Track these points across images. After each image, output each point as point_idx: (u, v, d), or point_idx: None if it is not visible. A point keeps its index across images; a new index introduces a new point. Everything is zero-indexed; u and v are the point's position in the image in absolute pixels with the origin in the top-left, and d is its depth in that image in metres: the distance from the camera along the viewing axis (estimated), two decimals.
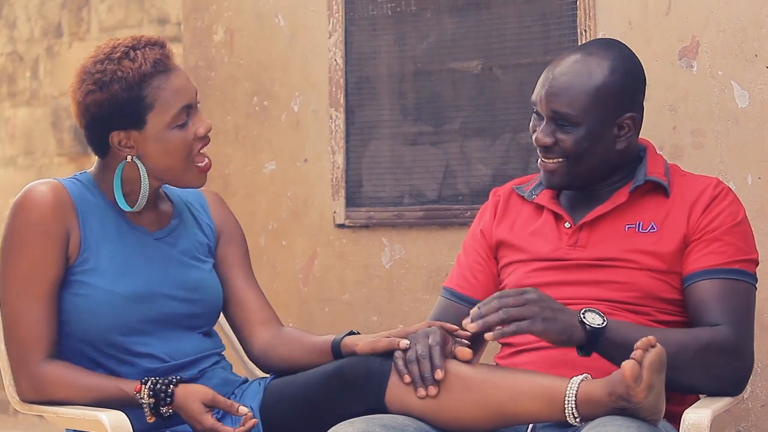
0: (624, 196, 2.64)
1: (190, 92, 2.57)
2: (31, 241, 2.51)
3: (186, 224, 2.71)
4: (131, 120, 2.53)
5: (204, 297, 2.66)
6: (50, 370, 2.51)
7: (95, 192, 2.61)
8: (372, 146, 3.65)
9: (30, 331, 2.50)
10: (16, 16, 6.45)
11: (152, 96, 2.52)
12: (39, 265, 2.51)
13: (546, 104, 2.61)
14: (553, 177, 2.64)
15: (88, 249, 2.55)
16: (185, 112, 2.55)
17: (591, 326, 2.40)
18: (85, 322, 2.54)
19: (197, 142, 2.57)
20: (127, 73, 2.50)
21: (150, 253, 2.61)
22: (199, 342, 2.65)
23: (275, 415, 2.55)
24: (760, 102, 3.07)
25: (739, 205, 2.64)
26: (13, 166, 6.47)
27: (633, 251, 2.60)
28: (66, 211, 2.54)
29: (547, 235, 2.69)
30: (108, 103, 2.52)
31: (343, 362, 2.50)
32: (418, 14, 3.58)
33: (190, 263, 2.66)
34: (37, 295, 2.51)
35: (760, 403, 3.07)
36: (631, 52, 2.70)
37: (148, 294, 2.56)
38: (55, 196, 2.53)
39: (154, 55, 2.52)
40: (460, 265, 2.82)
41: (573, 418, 2.33)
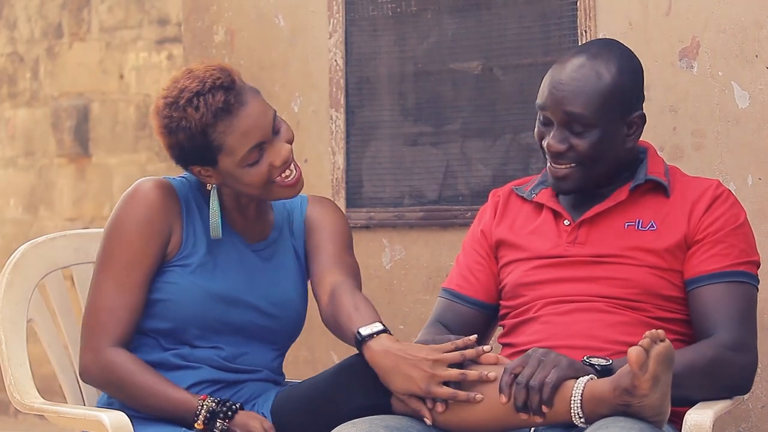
0: (624, 195, 2.65)
1: (261, 129, 2.56)
2: (134, 233, 2.58)
3: (284, 239, 2.74)
4: (203, 159, 2.58)
5: (285, 315, 2.69)
6: (119, 354, 2.56)
7: (200, 194, 2.67)
8: (372, 147, 3.65)
9: (112, 314, 2.57)
10: (17, 16, 6.46)
11: (218, 141, 2.54)
12: (137, 256, 2.58)
13: (558, 109, 2.59)
14: (565, 182, 2.63)
15: (188, 247, 2.62)
16: (256, 150, 2.56)
17: (600, 365, 2.40)
18: (168, 311, 2.59)
19: (275, 170, 2.58)
20: (190, 122, 2.53)
21: (243, 261, 2.66)
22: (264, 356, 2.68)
23: (284, 414, 2.56)
24: (760, 103, 3.07)
25: (740, 208, 2.65)
26: (13, 166, 6.47)
27: (632, 248, 2.60)
28: (172, 209, 2.61)
29: (546, 233, 2.69)
30: (177, 146, 2.58)
31: (352, 358, 2.51)
32: (418, 15, 3.58)
33: (279, 280, 2.70)
34: (129, 284, 2.58)
35: (761, 404, 3.07)
36: (630, 50, 2.70)
37: (231, 298, 2.62)
38: (163, 194, 2.60)
39: (219, 102, 2.52)
40: (460, 265, 2.82)
41: (578, 417, 2.33)
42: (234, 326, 2.63)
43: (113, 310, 2.56)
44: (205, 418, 2.50)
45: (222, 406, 2.52)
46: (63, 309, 2.85)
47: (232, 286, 2.62)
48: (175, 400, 2.53)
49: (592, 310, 2.59)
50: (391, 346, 2.42)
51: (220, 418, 2.51)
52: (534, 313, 2.64)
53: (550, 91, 2.61)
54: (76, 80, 6.28)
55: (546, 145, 2.62)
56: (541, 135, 2.65)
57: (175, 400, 2.53)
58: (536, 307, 2.64)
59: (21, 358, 2.63)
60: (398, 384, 2.40)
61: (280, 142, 2.58)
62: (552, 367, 2.34)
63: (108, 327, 2.56)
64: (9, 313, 2.69)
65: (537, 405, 2.33)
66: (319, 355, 3.60)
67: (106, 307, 2.57)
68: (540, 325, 2.62)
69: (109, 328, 2.56)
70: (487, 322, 2.80)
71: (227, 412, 2.51)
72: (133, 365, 2.55)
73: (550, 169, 2.65)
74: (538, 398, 2.32)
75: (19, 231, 6.42)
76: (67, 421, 2.54)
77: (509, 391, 2.35)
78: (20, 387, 2.62)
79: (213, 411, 2.51)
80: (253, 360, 2.67)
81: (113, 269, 2.58)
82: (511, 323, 2.69)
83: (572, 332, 2.57)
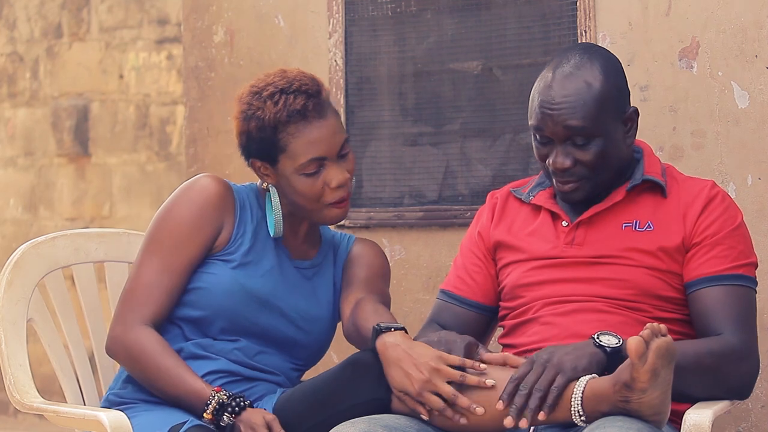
0: (621, 195, 2.65)
1: (327, 145, 2.63)
2: (186, 218, 2.63)
3: (326, 266, 2.79)
4: (266, 155, 2.65)
5: (312, 331, 2.72)
6: (147, 333, 2.59)
7: (257, 202, 2.73)
8: (372, 147, 3.65)
9: (150, 293, 2.61)
10: (16, 16, 6.46)
11: (284, 141, 2.62)
12: (183, 243, 2.63)
13: (557, 127, 2.58)
14: (575, 194, 2.63)
15: (235, 244, 2.67)
16: (317, 163, 2.63)
17: (609, 347, 2.40)
18: (200, 300, 2.63)
19: (329, 191, 2.64)
20: (265, 114, 2.62)
21: (284, 272, 2.71)
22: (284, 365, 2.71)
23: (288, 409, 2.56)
24: (760, 103, 3.07)
25: (736, 209, 2.65)
26: (13, 166, 6.47)
27: (629, 249, 2.60)
28: (227, 204, 2.68)
29: (544, 234, 2.69)
30: (246, 135, 2.67)
31: (359, 353, 2.54)
32: (418, 15, 3.58)
33: (314, 299, 2.74)
34: (172, 267, 2.62)
35: (761, 404, 3.07)
36: (605, 49, 2.70)
37: (265, 300, 2.66)
38: (221, 189, 2.68)
39: (298, 104, 2.61)
40: (457, 267, 2.82)
41: (578, 416, 2.33)
42: (261, 328, 2.67)
43: (152, 289, 2.61)
44: (214, 409, 2.52)
45: (233, 401, 2.53)
46: (63, 309, 2.85)
47: (268, 289, 2.66)
48: (191, 387, 2.54)
49: (591, 311, 2.59)
50: (402, 341, 2.46)
51: (228, 412, 2.52)
52: (533, 313, 2.65)
53: (544, 111, 2.58)
54: (75, 80, 6.28)
55: (551, 164, 2.60)
56: (543, 155, 2.63)
57: (190, 387, 2.54)
58: (535, 308, 2.65)
59: (21, 358, 2.63)
60: (396, 379, 2.43)
61: (341, 167, 2.65)
62: (556, 373, 2.35)
63: (143, 304, 2.60)
64: (9, 312, 2.69)
65: (535, 410, 2.33)
66: None
67: (145, 284, 2.61)
68: (540, 326, 2.62)
69: (143, 306, 2.60)
70: (485, 324, 2.80)
71: (236, 407, 2.52)
72: (158, 346, 2.58)
73: (556, 186, 2.63)
74: (538, 404, 2.33)
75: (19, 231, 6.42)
76: (66, 421, 2.54)
77: (510, 399, 2.35)
78: (20, 387, 2.62)
79: (223, 403, 2.52)
80: (271, 362, 2.69)
81: (159, 250, 2.63)
82: (511, 324, 2.69)
83: (572, 332, 2.57)
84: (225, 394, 2.53)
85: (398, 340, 2.46)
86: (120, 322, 2.61)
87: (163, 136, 6.11)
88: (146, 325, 2.59)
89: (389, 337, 2.48)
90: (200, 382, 2.56)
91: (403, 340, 2.46)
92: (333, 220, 2.69)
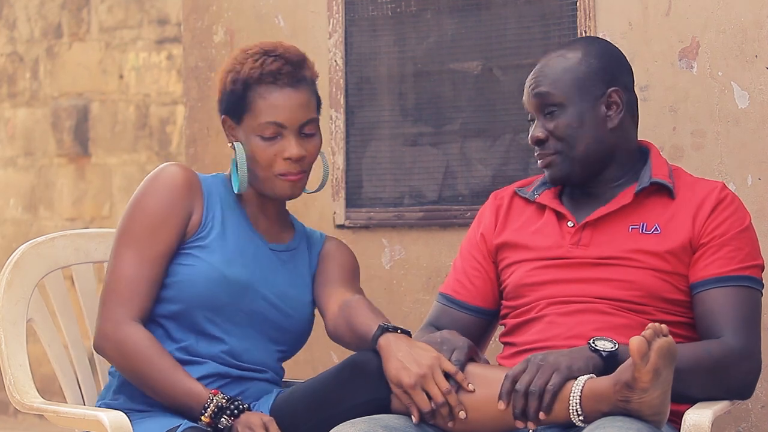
0: (629, 198, 2.64)
1: (289, 114, 2.65)
2: (156, 207, 2.63)
3: (300, 251, 2.79)
4: (233, 112, 2.68)
5: (295, 314, 2.72)
6: (139, 331, 2.58)
7: (225, 189, 2.73)
8: (372, 147, 3.65)
9: (133, 286, 2.59)
10: (16, 16, 6.46)
11: (251, 99, 2.66)
12: (157, 231, 2.62)
13: (531, 96, 2.67)
14: (554, 170, 2.66)
15: (206, 229, 2.66)
16: (275, 128, 2.64)
17: (605, 351, 2.40)
18: (180, 293, 2.62)
19: (280, 161, 2.65)
20: (242, 70, 2.66)
21: (261, 255, 2.71)
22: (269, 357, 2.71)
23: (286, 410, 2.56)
24: (760, 103, 3.07)
25: (745, 211, 2.65)
26: (13, 166, 6.47)
27: (636, 251, 2.60)
28: (194, 191, 2.67)
29: (549, 234, 2.69)
30: (223, 88, 2.70)
31: (357, 354, 2.53)
32: (418, 15, 3.58)
33: (294, 281, 2.74)
34: (148, 257, 2.61)
35: (760, 404, 3.07)
36: (605, 41, 2.77)
37: (247, 285, 2.65)
38: (186, 176, 2.68)
39: (273, 67, 2.66)
40: (456, 270, 2.81)
41: (576, 416, 2.33)
42: (245, 314, 2.66)
43: (134, 282, 2.59)
44: (212, 412, 2.51)
45: (231, 404, 2.53)
46: (63, 309, 2.85)
47: (248, 274, 2.66)
48: (188, 389, 2.54)
49: (594, 312, 2.58)
50: (406, 341, 2.49)
51: (227, 415, 2.52)
52: (537, 313, 2.64)
53: (527, 86, 2.69)
54: (75, 80, 6.28)
55: (529, 139, 2.68)
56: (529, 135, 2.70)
57: (188, 390, 2.54)
58: (539, 307, 2.64)
59: (21, 358, 2.63)
60: (392, 371, 2.44)
61: (300, 143, 2.66)
62: (552, 372, 2.34)
63: (129, 299, 2.58)
64: (9, 313, 2.69)
65: (535, 411, 2.33)
66: (319, 355, 3.60)
67: (127, 278, 2.60)
68: (543, 325, 2.62)
69: (129, 300, 2.58)
70: (484, 328, 2.79)
71: (234, 410, 2.52)
72: (152, 346, 2.57)
73: (538, 162, 2.68)
74: (536, 404, 2.33)
75: (18, 231, 6.42)
76: (66, 421, 2.54)
77: (509, 398, 2.36)
78: (20, 387, 2.62)
79: (222, 407, 2.52)
80: (257, 357, 2.68)
81: (135, 241, 2.62)
82: (513, 323, 2.69)
83: (574, 333, 2.57)
84: (223, 397, 2.53)
85: (402, 340, 2.49)
86: (108, 318, 2.59)
87: (163, 136, 6.11)
88: (136, 321, 2.58)
89: (394, 336, 2.49)
90: (197, 384, 2.55)
91: (407, 340, 2.49)
92: (281, 193, 2.69)
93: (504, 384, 2.37)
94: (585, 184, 2.69)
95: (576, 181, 2.68)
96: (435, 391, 2.42)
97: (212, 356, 2.64)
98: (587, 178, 2.68)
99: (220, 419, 2.51)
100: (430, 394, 2.42)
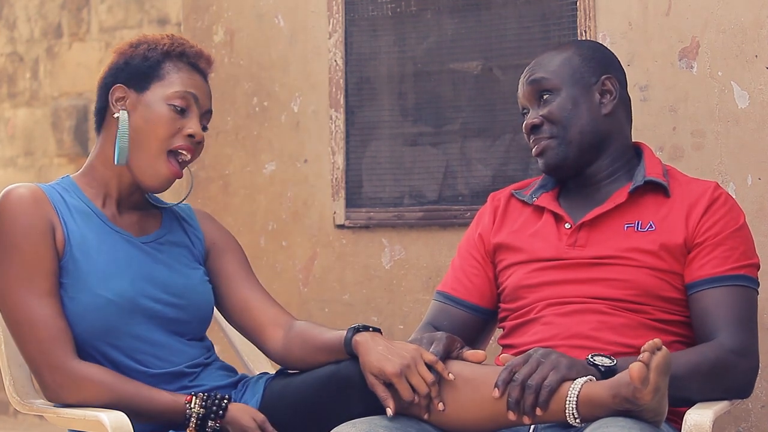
0: (623, 197, 2.65)
1: (202, 95, 2.63)
2: (20, 239, 2.49)
3: (174, 234, 2.70)
4: (137, 80, 2.61)
5: (190, 303, 2.63)
6: (86, 369, 2.48)
7: (76, 195, 2.61)
8: (372, 147, 3.65)
9: (49, 327, 2.47)
10: (16, 16, 6.46)
11: (166, 70, 2.61)
12: (34, 261, 2.49)
13: (526, 85, 2.71)
14: (548, 155, 2.67)
15: (72, 246, 2.53)
16: (188, 100, 2.60)
17: (603, 366, 2.39)
18: (76, 326, 2.51)
19: (181, 136, 2.58)
20: (159, 44, 2.63)
21: (134, 255, 2.59)
22: (187, 349, 2.62)
23: (276, 415, 2.55)
24: (760, 103, 3.07)
25: (739, 210, 2.65)
26: (13, 166, 6.47)
27: (632, 249, 2.60)
28: (45, 207, 2.54)
29: (546, 236, 2.69)
30: (126, 59, 2.63)
31: (339, 366, 2.49)
32: (418, 15, 3.58)
33: (176, 268, 2.64)
34: (43, 291, 2.48)
35: (761, 404, 3.07)
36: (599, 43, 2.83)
37: (133, 296, 2.54)
38: (32, 194, 2.53)
39: (193, 52, 2.65)
40: (455, 268, 2.82)
41: (573, 418, 2.32)
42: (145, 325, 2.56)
43: (47, 322, 2.47)
44: (195, 424, 2.48)
45: (212, 405, 2.49)
46: None
47: (130, 283, 2.55)
48: (164, 403, 2.49)
49: (592, 312, 2.59)
50: (381, 336, 2.47)
51: (212, 418, 2.48)
52: (535, 314, 2.64)
53: (520, 81, 2.74)
54: (75, 80, 6.28)
55: (523, 127, 2.71)
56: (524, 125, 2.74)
57: (164, 403, 2.49)
58: (537, 309, 2.64)
59: (21, 359, 2.63)
60: (373, 362, 2.40)
61: (200, 125, 2.62)
62: (551, 369, 2.34)
63: (54, 340, 2.47)
64: None
65: (531, 406, 2.32)
66: None
67: (38, 320, 2.47)
68: (541, 326, 2.62)
69: (56, 341, 2.47)
70: (481, 326, 2.79)
71: (217, 410, 2.49)
72: (108, 375, 2.49)
73: (533, 150, 2.70)
74: (532, 399, 2.32)
75: None
76: (66, 421, 2.53)
77: (505, 387, 2.35)
78: (20, 387, 2.62)
79: (202, 415, 2.48)
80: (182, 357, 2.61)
81: (22, 283, 2.48)
82: (512, 324, 2.69)
83: (573, 333, 2.57)
84: (198, 404, 2.49)
85: (378, 336, 2.47)
86: (48, 368, 2.47)
87: None
88: (75, 357, 2.48)
89: (369, 333, 2.47)
90: (168, 394, 2.51)
91: (382, 336, 2.47)
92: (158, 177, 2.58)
93: (502, 373, 2.36)
94: (578, 175, 2.70)
95: (569, 170, 2.68)
96: (418, 381, 2.38)
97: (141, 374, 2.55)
98: (581, 167, 2.68)
99: (206, 425, 2.48)
100: (413, 384, 2.38)
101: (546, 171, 2.71)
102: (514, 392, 2.33)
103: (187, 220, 2.75)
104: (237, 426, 2.49)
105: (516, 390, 2.33)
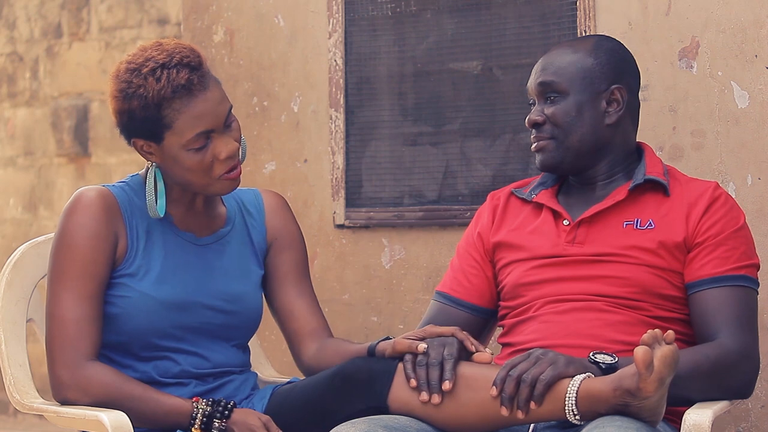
0: (623, 194, 2.65)
1: (214, 117, 2.54)
2: (81, 242, 2.54)
3: (237, 231, 2.71)
4: (149, 134, 2.55)
5: (242, 310, 2.67)
6: (98, 367, 2.52)
7: (143, 195, 2.63)
8: (372, 147, 3.65)
9: (78, 328, 2.51)
10: (16, 16, 6.46)
11: (170, 117, 2.52)
12: (89, 265, 2.54)
13: (536, 83, 2.69)
14: (545, 155, 2.68)
15: (134, 254, 2.58)
16: (204, 137, 2.53)
17: (604, 363, 2.40)
18: (122, 325, 2.56)
19: (218, 163, 2.55)
20: (148, 92, 2.50)
21: (193, 261, 2.63)
22: (230, 354, 2.66)
23: (279, 416, 2.55)
24: (760, 103, 3.07)
25: (739, 210, 2.65)
26: (13, 166, 6.47)
27: (631, 247, 2.60)
28: (114, 215, 2.58)
29: (545, 233, 2.69)
30: (128, 114, 2.54)
31: (346, 362, 2.51)
32: (418, 15, 3.58)
33: (233, 274, 2.67)
34: (86, 294, 2.53)
35: (760, 404, 3.07)
36: (616, 40, 2.78)
37: (185, 302, 2.59)
38: (103, 201, 2.57)
39: (181, 79, 2.50)
40: (454, 269, 2.82)
41: (572, 415, 2.32)
42: (192, 329, 2.61)
43: (79, 323, 2.52)
44: (201, 422, 2.49)
45: (217, 406, 2.51)
46: None
47: (184, 289, 2.59)
48: (169, 406, 2.51)
49: (591, 309, 2.59)
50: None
51: (217, 418, 2.50)
52: (533, 312, 2.65)
53: (533, 71, 2.72)
54: (75, 80, 6.28)
55: (526, 121, 2.70)
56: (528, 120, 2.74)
57: (169, 406, 2.51)
58: (535, 307, 2.65)
59: (21, 358, 2.63)
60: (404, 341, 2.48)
61: (228, 137, 2.56)
62: (549, 365, 2.34)
63: (78, 340, 2.51)
64: (9, 313, 2.69)
65: (525, 399, 2.32)
66: None
67: (70, 319, 2.52)
68: (539, 324, 2.62)
69: (79, 342, 2.51)
70: (480, 326, 2.79)
71: (223, 411, 2.50)
72: (117, 376, 2.52)
73: (533, 146, 2.70)
74: (527, 392, 2.32)
75: (18, 231, 6.42)
76: (66, 421, 2.53)
77: (501, 385, 2.35)
78: (20, 387, 2.62)
79: (209, 413, 2.50)
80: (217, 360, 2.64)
81: (69, 280, 2.53)
82: (511, 323, 2.69)
83: (571, 331, 2.57)
84: (205, 403, 2.51)
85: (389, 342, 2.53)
86: (62, 365, 2.51)
87: None
88: (90, 359, 2.52)
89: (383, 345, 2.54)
90: (175, 398, 2.53)
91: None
92: (226, 191, 2.60)
93: (500, 371, 2.37)
94: (575, 176, 2.70)
95: (565, 171, 2.70)
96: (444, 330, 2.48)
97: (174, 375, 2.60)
98: (578, 169, 2.69)
99: (211, 425, 2.49)
100: None
101: (541, 169, 2.72)
102: (509, 387, 2.33)
103: (253, 213, 2.75)
104: (243, 426, 2.50)
105: (511, 384, 2.33)
